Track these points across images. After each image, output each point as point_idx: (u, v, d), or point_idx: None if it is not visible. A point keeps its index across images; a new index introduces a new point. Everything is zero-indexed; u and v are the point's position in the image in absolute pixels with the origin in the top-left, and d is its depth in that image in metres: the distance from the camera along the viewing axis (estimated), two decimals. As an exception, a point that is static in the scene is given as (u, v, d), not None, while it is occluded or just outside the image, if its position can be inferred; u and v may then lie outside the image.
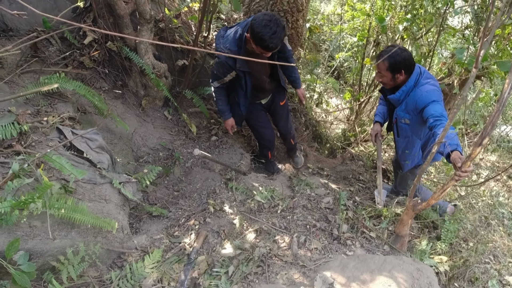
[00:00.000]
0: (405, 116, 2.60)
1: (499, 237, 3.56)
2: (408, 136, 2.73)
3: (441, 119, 2.24)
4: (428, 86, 2.46)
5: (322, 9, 6.94)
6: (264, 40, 2.30)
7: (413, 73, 2.51)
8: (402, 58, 2.44)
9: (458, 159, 1.90)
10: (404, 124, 2.68)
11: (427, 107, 2.38)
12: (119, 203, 2.33)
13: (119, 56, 3.05)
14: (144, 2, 2.79)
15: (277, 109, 3.21)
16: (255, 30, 2.32)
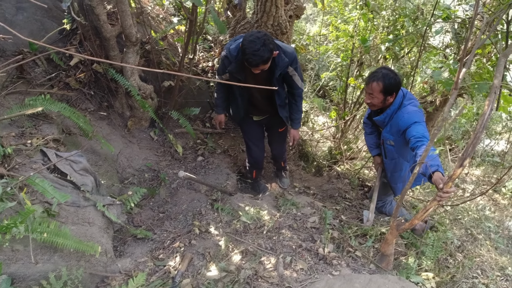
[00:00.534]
0: (390, 137, 2.67)
1: (486, 251, 3.59)
2: (394, 158, 2.78)
3: (422, 140, 2.30)
4: (410, 108, 2.53)
5: (308, 30, 7.10)
6: (245, 54, 2.38)
7: (397, 96, 2.59)
8: (396, 81, 2.53)
9: (440, 180, 1.93)
10: (389, 146, 2.74)
11: (409, 128, 2.44)
12: (102, 226, 2.30)
13: (105, 77, 3.07)
14: (130, 25, 2.82)
15: (274, 134, 3.25)
16: (243, 42, 2.41)
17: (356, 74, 4.31)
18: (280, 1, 2.99)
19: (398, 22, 4.06)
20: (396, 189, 3.00)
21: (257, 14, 3.10)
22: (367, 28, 4.22)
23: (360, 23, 4.20)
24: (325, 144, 5.08)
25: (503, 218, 4.79)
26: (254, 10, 3.17)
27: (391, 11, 4.17)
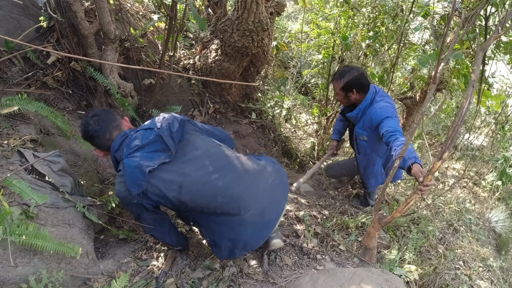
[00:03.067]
0: (363, 133, 2.74)
1: (467, 242, 3.67)
2: (367, 153, 2.84)
3: (396, 134, 2.34)
4: (382, 103, 2.60)
5: (290, 27, 7.12)
6: None
7: (369, 92, 2.66)
8: (354, 78, 2.60)
9: (419, 173, 1.96)
10: (363, 141, 2.81)
11: (381, 123, 2.50)
12: (83, 227, 2.26)
13: (84, 76, 3.00)
14: (109, 22, 2.77)
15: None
16: None
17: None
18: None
19: (378, 19, 4.11)
20: (369, 185, 3.07)
21: (237, 11, 3.09)
22: (347, 26, 4.25)
23: (341, 20, 4.23)
24: (308, 140, 5.11)
25: (484, 210, 4.90)
26: (234, 7, 3.15)
27: (371, 8, 4.21)
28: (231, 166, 1.85)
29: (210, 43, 3.61)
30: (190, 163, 1.78)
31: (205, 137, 1.92)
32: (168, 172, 1.75)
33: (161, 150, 1.76)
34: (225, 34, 3.32)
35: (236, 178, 1.84)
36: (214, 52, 3.51)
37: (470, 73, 3.55)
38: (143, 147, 1.75)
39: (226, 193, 1.78)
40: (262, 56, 3.57)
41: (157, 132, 1.78)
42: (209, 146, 1.87)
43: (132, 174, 1.72)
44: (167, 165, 1.75)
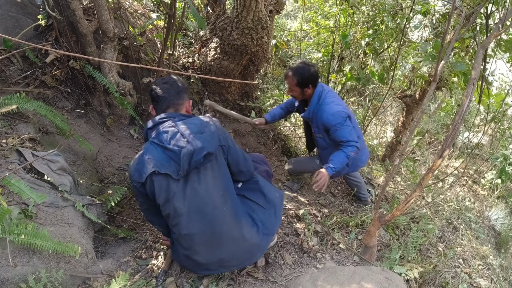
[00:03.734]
0: (318, 131, 2.83)
1: (467, 241, 3.67)
2: (326, 147, 2.92)
3: (346, 144, 2.62)
4: (334, 107, 2.65)
5: (289, 26, 7.11)
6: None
7: (315, 92, 2.71)
8: (310, 73, 2.63)
9: (321, 173, 2.29)
10: (319, 138, 2.90)
11: (334, 132, 2.65)
12: (82, 227, 2.25)
13: (82, 74, 2.99)
14: (107, 20, 2.76)
15: None
16: None
17: (337, 69, 4.34)
18: (260, -4, 2.98)
19: (378, 17, 4.10)
20: (342, 175, 3.22)
21: (237, 9, 3.07)
22: (347, 24, 4.25)
23: (340, 18, 4.22)
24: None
25: (483, 209, 4.90)
26: (234, 5, 3.14)
27: (370, 6, 4.21)
28: (210, 224, 1.83)
29: (209, 42, 3.60)
30: (186, 193, 1.79)
31: (214, 181, 1.85)
32: (168, 184, 1.76)
33: (176, 162, 1.77)
34: (224, 32, 3.31)
35: (208, 240, 1.85)
36: (213, 50, 3.50)
37: (470, 71, 3.54)
38: (165, 148, 1.77)
39: (195, 241, 1.84)
40: (261, 54, 3.55)
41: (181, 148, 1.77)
42: (208, 194, 1.82)
43: (141, 163, 1.78)
44: (170, 178, 1.76)
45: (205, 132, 1.80)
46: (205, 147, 1.74)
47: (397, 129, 4.78)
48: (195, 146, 1.73)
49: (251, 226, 1.93)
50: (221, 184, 1.86)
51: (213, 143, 1.79)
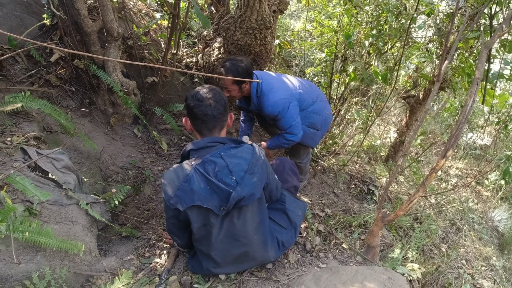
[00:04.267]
0: (270, 120, 2.80)
1: (470, 241, 3.66)
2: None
3: (287, 132, 2.71)
4: (271, 98, 2.61)
5: (292, 26, 7.10)
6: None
7: (252, 85, 2.64)
8: (243, 69, 2.54)
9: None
10: (272, 125, 2.95)
11: (278, 121, 2.68)
12: (86, 225, 2.26)
13: (87, 73, 3.01)
14: (112, 20, 2.77)
15: None
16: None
17: (340, 69, 4.33)
18: (264, -4, 2.98)
19: (381, 17, 4.09)
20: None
21: (240, 8, 3.08)
22: (350, 24, 4.24)
23: (344, 18, 4.21)
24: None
25: (486, 210, 4.89)
26: (237, 4, 3.15)
27: (374, 6, 4.19)
28: (240, 250, 1.86)
29: (213, 41, 3.61)
30: (223, 224, 1.76)
31: (252, 215, 1.82)
32: (208, 216, 1.73)
33: (220, 197, 1.70)
34: (228, 32, 3.31)
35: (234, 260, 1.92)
36: (217, 50, 3.51)
37: (473, 71, 3.53)
38: (210, 181, 1.68)
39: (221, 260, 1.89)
40: (265, 54, 3.56)
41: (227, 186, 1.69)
42: (244, 228, 1.81)
43: (183, 191, 1.70)
44: (211, 211, 1.71)
45: (254, 173, 1.72)
46: (255, 194, 1.69)
47: (400, 130, 4.77)
48: (246, 193, 1.66)
49: (275, 248, 2.01)
50: (257, 217, 1.84)
51: (261, 187, 1.75)
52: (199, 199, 1.67)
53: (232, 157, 1.71)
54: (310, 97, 2.81)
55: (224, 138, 1.80)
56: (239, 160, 1.71)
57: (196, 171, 1.70)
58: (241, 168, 1.69)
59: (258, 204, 1.81)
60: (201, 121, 1.77)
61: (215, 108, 1.76)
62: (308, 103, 2.80)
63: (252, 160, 1.73)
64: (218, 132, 1.84)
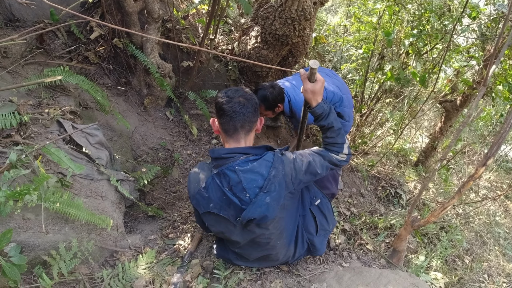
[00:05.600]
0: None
1: (494, 256, 3.55)
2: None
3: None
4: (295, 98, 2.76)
5: (329, 20, 6.98)
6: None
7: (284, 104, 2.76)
8: (274, 96, 2.64)
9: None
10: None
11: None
12: (115, 201, 2.30)
13: (125, 53, 3.04)
14: (153, 1, 2.79)
15: None
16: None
17: (376, 68, 4.23)
18: (306, -14, 2.93)
19: (424, 17, 3.95)
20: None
21: (281, -2, 3.04)
22: (391, 21, 4.12)
23: (385, 15, 4.09)
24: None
25: (513, 225, 4.73)
26: (278, -6, 3.10)
27: (417, 5, 4.06)
28: (264, 253, 1.85)
29: (250, 30, 3.58)
30: (243, 232, 1.72)
31: (273, 224, 1.73)
32: (226, 224, 1.71)
33: (235, 209, 1.66)
34: (266, 21, 3.27)
35: (259, 259, 1.91)
36: (253, 39, 3.47)
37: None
38: (225, 193, 1.64)
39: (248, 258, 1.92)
40: (301, 46, 3.51)
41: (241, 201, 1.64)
42: (266, 235, 1.75)
43: (201, 196, 1.69)
44: (228, 220, 1.69)
45: (270, 192, 1.61)
46: (268, 216, 1.61)
47: (433, 135, 4.63)
48: (257, 215, 1.59)
49: (301, 251, 1.99)
50: (280, 225, 1.76)
51: (277, 207, 1.65)
52: (215, 207, 1.66)
53: (247, 172, 1.62)
54: (341, 94, 2.87)
55: (245, 148, 1.70)
56: (255, 176, 1.62)
57: (213, 180, 1.67)
58: (256, 185, 1.61)
59: (281, 213, 1.73)
60: (229, 118, 1.66)
61: (244, 106, 1.67)
62: (338, 99, 2.85)
63: (269, 177, 1.62)
64: (245, 135, 1.72)
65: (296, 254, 1.97)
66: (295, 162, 1.70)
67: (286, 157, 1.70)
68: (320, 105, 1.73)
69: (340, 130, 1.79)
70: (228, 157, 1.65)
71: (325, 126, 1.76)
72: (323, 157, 1.77)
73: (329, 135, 1.78)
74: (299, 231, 1.95)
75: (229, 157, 1.65)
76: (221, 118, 1.69)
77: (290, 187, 1.68)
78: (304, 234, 1.98)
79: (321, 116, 1.74)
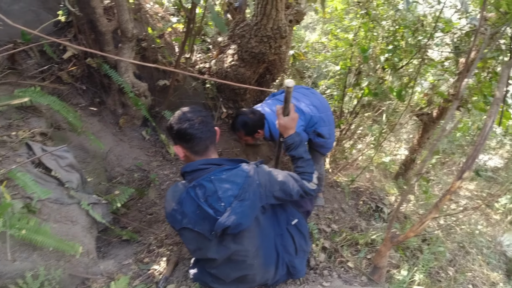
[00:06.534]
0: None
1: (478, 266, 3.55)
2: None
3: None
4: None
5: (307, 37, 7.08)
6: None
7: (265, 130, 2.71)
8: (254, 122, 2.61)
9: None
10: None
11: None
12: (86, 226, 2.22)
13: (98, 73, 2.99)
14: (127, 20, 2.76)
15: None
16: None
17: (354, 83, 4.28)
18: (281, 5, 2.94)
19: (398, 32, 4.04)
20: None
21: (256, 16, 3.05)
22: (367, 38, 4.20)
23: (360, 32, 4.17)
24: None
25: (495, 233, 4.78)
26: (254, 12, 3.12)
27: (391, 21, 4.15)
28: (241, 273, 1.79)
29: (227, 48, 3.58)
30: (220, 248, 1.68)
31: (249, 240, 1.72)
32: (201, 239, 1.68)
33: (210, 222, 1.63)
34: (242, 39, 3.28)
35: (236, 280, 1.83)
36: (230, 57, 3.47)
37: (490, 92, 3.46)
38: (200, 206, 1.62)
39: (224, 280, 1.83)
40: (278, 63, 3.52)
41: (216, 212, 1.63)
42: (242, 252, 1.72)
43: (176, 212, 1.67)
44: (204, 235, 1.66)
45: (245, 200, 1.62)
46: (242, 224, 1.59)
47: (412, 147, 4.68)
48: (231, 222, 1.57)
49: (281, 273, 1.93)
50: (256, 241, 1.75)
51: (251, 215, 1.65)
52: (189, 222, 1.64)
53: (223, 181, 1.64)
54: (319, 115, 2.84)
55: (219, 159, 1.74)
56: (230, 185, 1.63)
57: (187, 194, 1.66)
58: (231, 193, 1.62)
59: (256, 227, 1.72)
60: (199, 139, 1.69)
61: (207, 123, 1.72)
62: (316, 121, 2.81)
63: (244, 185, 1.63)
64: (214, 149, 1.78)
65: (276, 276, 1.91)
66: (271, 175, 1.75)
67: (261, 169, 1.75)
68: (292, 136, 1.90)
69: (310, 161, 1.93)
70: (204, 168, 1.68)
71: (296, 156, 1.91)
72: (296, 180, 1.81)
73: (299, 164, 1.91)
74: (278, 253, 1.91)
75: (206, 168, 1.68)
76: (189, 143, 1.71)
77: (264, 200, 1.70)
78: (284, 256, 1.94)
79: (291, 146, 1.91)
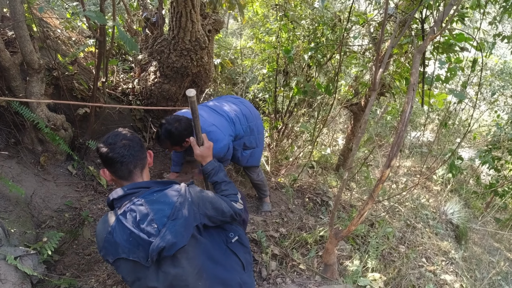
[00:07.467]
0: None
1: (427, 238, 3.72)
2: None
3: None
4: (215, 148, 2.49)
5: (235, 44, 7.10)
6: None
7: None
8: (179, 131, 2.46)
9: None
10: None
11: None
12: (17, 282, 2.00)
13: (9, 111, 2.74)
14: (31, 51, 2.55)
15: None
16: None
17: (283, 84, 4.34)
18: (196, 16, 2.89)
19: (318, 30, 4.16)
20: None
21: (173, 30, 2.97)
22: (289, 39, 4.27)
23: (282, 34, 4.24)
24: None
25: (438, 204, 5.05)
26: (169, 26, 3.04)
27: (310, 20, 4.26)
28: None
29: (149, 65, 3.46)
30: (159, 275, 1.57)
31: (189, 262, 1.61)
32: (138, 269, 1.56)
33: (144, 248, 1.52)
34: (162, 55, 3.18)
35: None
36: (153, 74, 3.36)
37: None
38: (132, 231, 1.52)
39: None
40: (204, 75, 3.46)
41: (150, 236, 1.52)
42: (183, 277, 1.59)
43: (108, 243, 1.54)
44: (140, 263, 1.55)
45: (178, 218, 1.55)
46: (177, 243, 1.52)
47: (347, 137, 4.84)
48: (166, 242, 1.49)
49: None
50: (197, 262, 1.65)
51: (186, 234, 1.57)
52: (123, 251, 1.53)
53: (154, 203, 1.57)
54: (248, 124, 2.81)
55: (148, 182, 1.67)
56: (162, 205, 1.57)
57: (118, 222, 1.55)
58: (163, 214, 1.55)
59: (193, 248, 1.64)
60: (120, 164, 1.61)
61: (130, 147, 1.63)
62: (244, 130, 2.78)
63: (176, 204, 1.58)
64: (140, 174, 1.69)
65: None
66: (202, 193, 1.72)
67: (192, 188, 1.70)
68: (211, 163, 1.96)
69: (231, 183, 1.97)
70: (133, 192, 1.60)
71: (218, 181, 1.95)
72: (226, 202, 1.80)
73: (223, 188, 1.93)
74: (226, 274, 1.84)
75: (134, 192, 1.60)
76: (112, 167, 1.63)
77: (198, 219, 1.64)
78: (234, 275, 1.86)
79: (212, 172, 1.95)
